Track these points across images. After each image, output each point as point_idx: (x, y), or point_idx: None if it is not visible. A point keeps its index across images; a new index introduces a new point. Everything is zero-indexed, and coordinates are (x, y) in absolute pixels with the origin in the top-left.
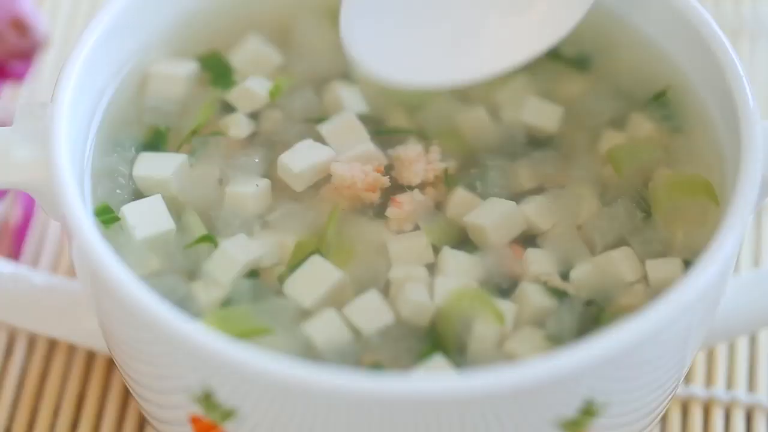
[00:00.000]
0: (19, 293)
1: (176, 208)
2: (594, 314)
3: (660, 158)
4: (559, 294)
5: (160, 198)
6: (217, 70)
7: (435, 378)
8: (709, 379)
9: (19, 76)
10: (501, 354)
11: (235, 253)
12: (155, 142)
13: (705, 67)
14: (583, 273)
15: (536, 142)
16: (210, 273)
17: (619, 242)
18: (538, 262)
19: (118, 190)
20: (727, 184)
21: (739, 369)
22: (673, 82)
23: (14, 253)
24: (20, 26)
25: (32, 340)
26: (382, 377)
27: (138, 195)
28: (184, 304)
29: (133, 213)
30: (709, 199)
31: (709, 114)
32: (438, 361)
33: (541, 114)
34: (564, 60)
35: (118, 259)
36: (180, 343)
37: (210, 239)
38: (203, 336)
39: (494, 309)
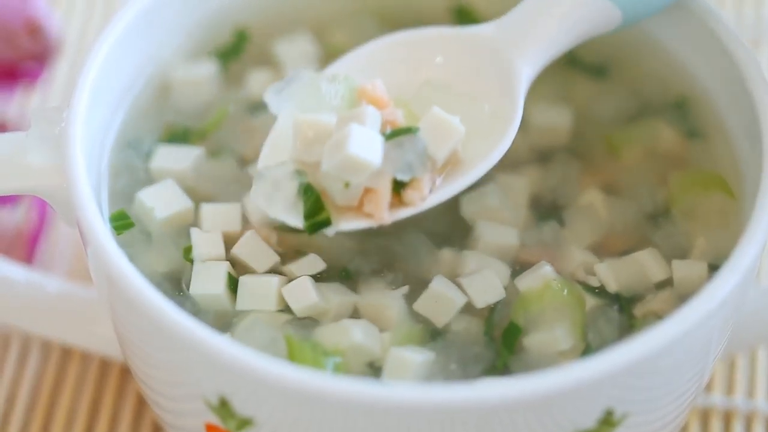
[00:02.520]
0: (34, 299)
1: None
2: (625, 319)
3: (678, 164)
4: (594, 293)
5: (172, 182)
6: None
7: (452, 387)
8: (729, 389)
9: (32, 78)
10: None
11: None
12: (175, 142)
13: (725, 75)
14: (611, 272)
15: (550, 149)
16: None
17: (642, 241)
18: (575, 260)
19: (135, 186)
20: (747, 193)
21: (759, 378)
22: (692, 90)
23: (29, 258)
24: (33, 29)
25: (47, 347)
26: (399, 386)
27: None
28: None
29: (149, 197)
30: (724, 192)
31: (729, 121)
32: None
33: (553, 117)
34: (582, 66)
35: (134, 266)
36: (196, 351)
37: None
38: (220, 344)
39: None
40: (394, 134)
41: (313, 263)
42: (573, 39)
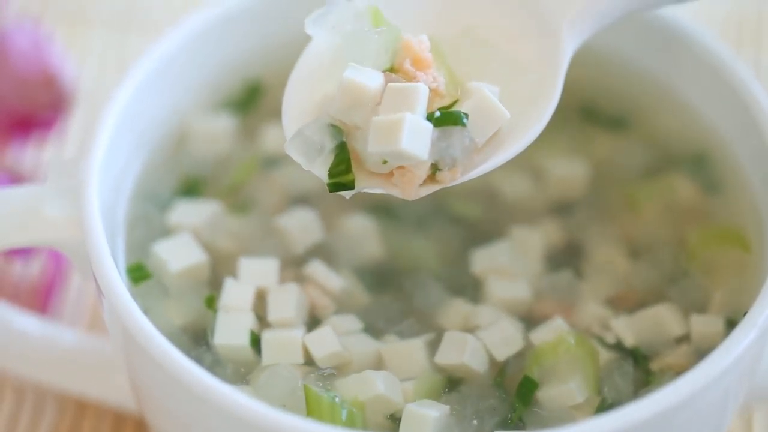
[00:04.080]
0: (49, 352)
1: (213, 260)
2: (640, 373)
3: (697, 218)
4: (610, 348)
5: (189, 235)
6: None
7: None
8: None
9: (46, 128)
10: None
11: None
12: (192, 193)
13: (744, 127)
14: (628, 327)
15: (567, 201)
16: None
17: (659, 296)
18: (590, 314)
19: (151, 237)
20: (766, 247)
21: None
22: (711, 142)
23: (44, 309)
24: (48, 79)
25: (62, 400)
26: None
27: None
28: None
29: (164, 250)
30: (740, 247)
31: (748, 174)
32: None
33: (570, 170)
34: (600, 119)
35: (150, 318)
36: (213, 405)
37: None
38: (237, 398)
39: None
40: (443, 121)
41: (350, 321)
42: (621, 11)
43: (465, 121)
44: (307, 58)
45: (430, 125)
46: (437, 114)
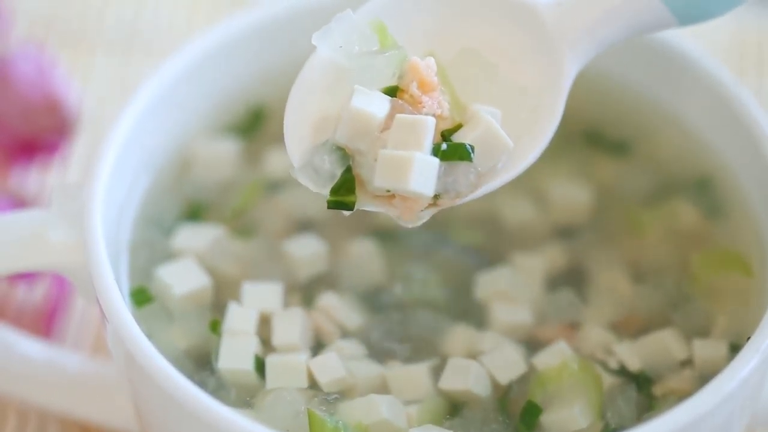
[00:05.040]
0: (53, 376)
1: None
2: (644, 398)
3: (700, 243)
4: (613, 372)
5: (192, 260)
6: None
7: None
8: None
9: (50, 152)
10: None
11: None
12: (196, 218)
13: (747, 151)
14: (632, 352)
15: (570, 226)
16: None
17: (663, 321)
18: (594, 339)
19: (155, 261)
20: None
21: None
22: (714, 166)
23: (47, 334)
24: (52, 104)
25: (65, 425)
26: None
27: None
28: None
29: (168, 274)
30: (742, 271)
31: (752, 198)
32: None
33: (573, 194)
34: (603, 143)
35: (154, 342)
36: (218, 430)
37: None
38: (240, 422)
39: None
40: (450, 155)
41: (355, 346)
42: (623, 34)
43: (472, 156)
44: (308, 72)
45: (437, 161)
46: (444, 147)
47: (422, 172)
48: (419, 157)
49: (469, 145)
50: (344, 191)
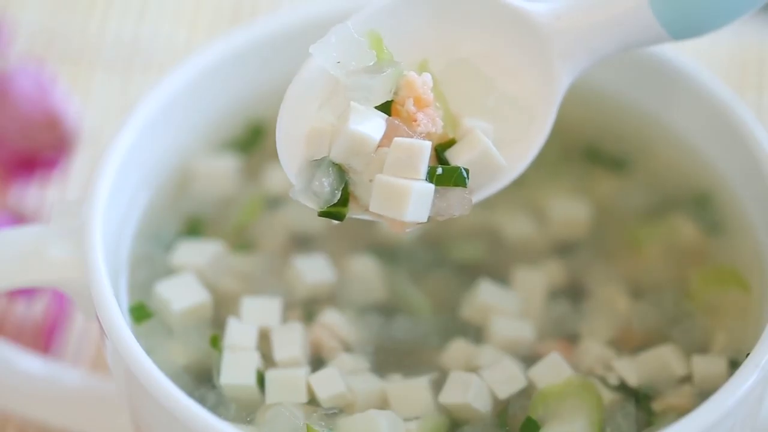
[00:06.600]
0: (52, 392)
1: (216, 300)
2: (643, 414)
3: (699, 259)
4: (612, 388)
5: (191, 275)
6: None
7: None
8: None
9: (49, 168)
10: None
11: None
12: (195, 233)
13: (746, 167)
14: (631, 368)
15: (569, 242)
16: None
17: (662, 337)
18: (593, 355)
19: (154, 277)
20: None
21: None
22: (713, 183)
23: (47, 350)
24: (51, 120)
25: None
26: None
27: None
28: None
29: (167, 289)
30: (740, 288)
31: (751, 215)
32: None
33: (572, 210)
34: (602, 160)
35: (153, 358)
36: None
37: None
38: None
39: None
40: (445, 180)
41: (355, 361)
42: (615, 47)
43: (467, 181)
44: (299, 85)
45: (432, 189)
46: (439, 171)
47: (418, 202)
48: (416, 189)
49: (464, 169)
50: (338, 203)
